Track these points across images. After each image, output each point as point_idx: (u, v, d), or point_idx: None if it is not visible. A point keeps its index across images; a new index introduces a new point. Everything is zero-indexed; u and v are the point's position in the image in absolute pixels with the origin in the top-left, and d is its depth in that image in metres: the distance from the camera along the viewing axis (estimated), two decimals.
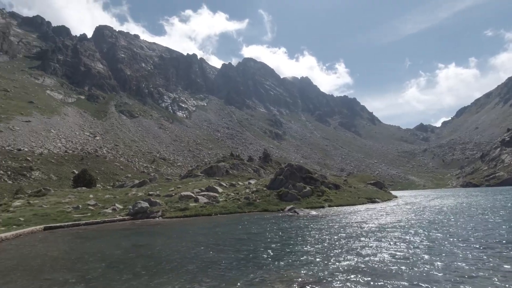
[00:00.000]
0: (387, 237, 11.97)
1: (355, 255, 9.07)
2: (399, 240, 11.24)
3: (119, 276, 7.65)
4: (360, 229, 14.29)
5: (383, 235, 12.63)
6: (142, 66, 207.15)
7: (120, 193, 34.54)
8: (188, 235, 15.07)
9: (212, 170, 50.39)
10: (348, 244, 10.85)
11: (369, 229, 14.20)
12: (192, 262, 8.87)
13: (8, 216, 21.88)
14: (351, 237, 12.20)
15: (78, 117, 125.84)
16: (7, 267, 9.38)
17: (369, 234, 12.93)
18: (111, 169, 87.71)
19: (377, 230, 13.87)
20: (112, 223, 21.51)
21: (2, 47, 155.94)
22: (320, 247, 10.46)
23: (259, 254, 9.62)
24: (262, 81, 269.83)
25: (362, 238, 11.99)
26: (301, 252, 9.74)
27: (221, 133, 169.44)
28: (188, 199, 27.93)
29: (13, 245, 13.89)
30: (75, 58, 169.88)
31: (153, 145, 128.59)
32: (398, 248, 9.88)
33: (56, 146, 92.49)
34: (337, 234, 13.11)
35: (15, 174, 62.51)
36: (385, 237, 12.00)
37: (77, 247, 12.84)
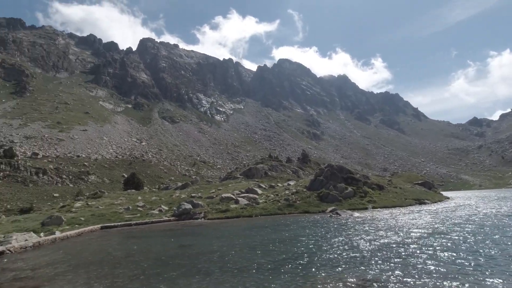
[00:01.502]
0: (438, 243, 11.16)
1: (404, 261, 8.60)
2: (454, 248, 10.41)
3: (171, 274, 8.08)
4: (409, 233, 13.48)
5: (435, 240, 11.79)
6: (181, 73, 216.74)
7: (165, 195, 36.41)
8: (231, 236, 15.42)
9: (251, 172, 50.99)
10: (397, 248, 10.31)
11: (419, 234, 13.35)
12: (238, 263, 9.07)
13: (71, 216, 24.24)
14: (399, 241, 11.57)
15: (126, 124, 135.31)
16: (73, 262, 10.42)
17: (420, 239, 12.15)
18: (156, 172, 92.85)
19: (427, 235, 12.98)
20: (159, 223, 22.77)
21: (63, 65, 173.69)
22: (367, 250, 10.08)
23: (304, 256, 9.54)
24: (298, 81, 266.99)
25: (412, 243, 11.31)
26: (348, 255, 9.47)
27: (258, 135, 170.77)
28: (229, 201, 28.57)
29: (77, 242, 15.38)
30: (123, 70, 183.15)
31: (194, 149, 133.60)
32: (452, 258, 9.16)
33: (108, 152, 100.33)
34: (384, 237, 12.52)
35: (75, 178, 68.95)
36: (436, 243, 11.20)
37: (131, 245, 13.82)
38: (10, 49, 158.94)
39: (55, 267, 9.52)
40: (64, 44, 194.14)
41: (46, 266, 9.58)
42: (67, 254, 11.99)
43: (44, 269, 9.18)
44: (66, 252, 12.41)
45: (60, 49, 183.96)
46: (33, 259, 11.03)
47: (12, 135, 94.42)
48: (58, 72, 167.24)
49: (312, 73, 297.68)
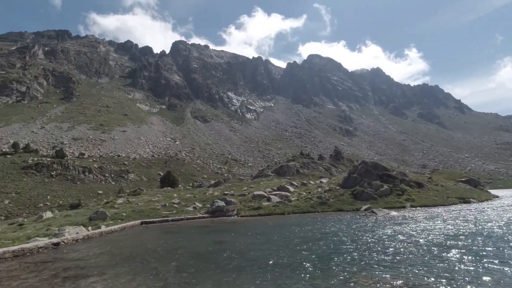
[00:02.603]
0: (489, 247, 10.40)
1: (448, 266, 8.15)
2: (509, 252, 9.65)
3: (207, 269, 8.38)
4: (454, 234, 12.70)
5: (485, 243, 11.00)
6: (212, 73, 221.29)
7: (199, 193, 37.56)
8: (264, 233, 15.58)
9: (282, 169, 50.89)
10: (441, 251, 9.78)
11: (465, 235, 12.52)
12: (272, 259, 9.17)
13: (114, 212, 25.93)
14: (443, 243, 10.96)
15: (161, 125, 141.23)
16: (118, 254, 11.19)
17: (466, 241, 11.41)
18: (190, 170, 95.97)
19: (475, 237, 12.14)
20: (194, 220, 23.59)
21: (104, 71, 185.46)
22: (407, 251, 9.68)
23: (341, 254, 9.40)
24: (329, 77, 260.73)
25: (457, 245, 10.66)
26: (387, 255, 9.16)
27: (289, 133, 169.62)
28: (261, 199, 28.79)
29: (120, 236, 16.46)
30: (157, 73, 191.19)
31: (225, 147, 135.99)
32: (507, 264, 8.50)
33: (145, 151, 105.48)
34: (426, 238, 11.92)
35: (117, 176, 73.41)
36: (487, 247, 10.44)
37: (169, 240, 14.51)
38: (59, 58, 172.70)
39: (103, 258, 10.30)
40: (105, 51, 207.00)
41: (95, 257, 10.39)
42: (112, 247, 12.89)
43: (94, 259, 9.97)
44: (111, 245, 13.35)
45: (102, 56, 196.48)
46: (84, 250, 12.01)
47: (62, 137, 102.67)
48: (100, 77, 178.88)
49: (344, 68, 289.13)
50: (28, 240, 13.59)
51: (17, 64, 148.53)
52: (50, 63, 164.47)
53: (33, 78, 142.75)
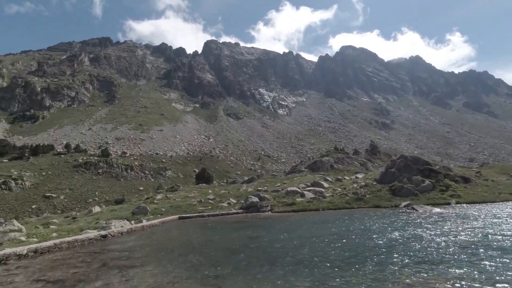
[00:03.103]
0: None
1: (504, 270, 7.53)
2: None
3: (242, 264, 8.57)
4: (510, 234, 11.68)
5: None
6: (243, 70, 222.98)
7: (233, 189, 38.28)
8: (299, 229, 15.52)
9: (316, 165, 50.09)
10: (493, 251, 9.06)
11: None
12: (308, 255, 9.14)
13: (154, 207, 27.38)
14: (495, 243, 10.15)
15: (195, 123, 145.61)
16: (159, 246, 11.85)
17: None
18: (224, 167, 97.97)
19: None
20: (228, 215, 24.13)
21: (142, 73, 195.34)
22: (453, 251, 9.10)
23: (381, 252, 9.08)
24: (363, 68, 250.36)
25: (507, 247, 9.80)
26: (431, 255, 8.68)
27: (322, 127, 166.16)
28: (295, 194, 28.64)
29: (160, 229, 17.39)
30: (190, 73, 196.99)
31: (258, 144, 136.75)
32: None
33: (181, 149, 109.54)
34: (475, 237, 11.11)
35: (155, 173, 77.20)
36: None
37: (205, 235, 15.04)
38: (102, 64, 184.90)
39: (145, 250, 10.97)
40: (142, 54, 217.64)
41: (138, 249, 11.10)
42: (153, 240, 13.68)
43: (137, 251, 10.66)
44: (152, 238, 14.16)
45: (139, 59, 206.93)
46: (128, 242, 12.87)
47: (106, 137, 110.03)
48: (138, 80, 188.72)
49: (379, 58, 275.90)
50: (80, 232, 14.86)
51: (67, 72, 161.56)
52: (94, 69, 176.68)
53: (81, 83, 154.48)
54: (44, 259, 9.64)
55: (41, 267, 8.42)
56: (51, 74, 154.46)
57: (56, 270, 8.04)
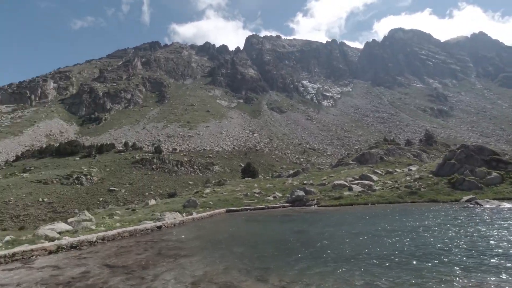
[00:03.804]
0: None
1: None
2: None
3: (289, 257, 8.62)
4: None
5: None
6: (285, 63, 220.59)
7: (278, 183, 38.40)
8: (347, 223, 15.07)
9: (364, 157, 47.89)
10: None
11: None
12: (355, 251, 8.87)
13: (203, 200, 28.71)
14: None
15: (240, 118, 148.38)
16: (208, 238, 12.46)
17: None
18: (269, 161, 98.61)
19: None
20: (274, 209, 24.31)
21: (188, 73, 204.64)
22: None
23: (436, 251, 8.40)
24: (416, 51, 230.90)
25: None
26: (497, 256, 7.83)
27: (370, 118, 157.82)
28: (342, 188, 27.78)
29: (209, 222, 18.23)
30: (233, 69, 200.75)
31: (303, 137, 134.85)
32: None
33: (226, 144, 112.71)
34: None
35: (203, 168, 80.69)
36: None
37: (253, 228, 15.40)
38: (153, 66, 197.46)
39: (196, 241, 11.61)
40: (187, 55, 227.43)
41: (190, 240, 11.79)
42: (203, 231, 14.40)
43: (188, 242, 11.33)
44: (202, 230, 14.92)
45: (185, 59, 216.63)
46: (180, 233, 13.73)
47: (159, 135, 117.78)
48: (185, 79, 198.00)
49: (434, 39, 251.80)
50: (139, 223, 16.24)
51: (124, 76, 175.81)
52: (146, 71, 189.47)
53: (135, 86, 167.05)
54: (109, 246, 10.76)
55: (108, 253, 9.42)
56: (110, 79, 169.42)
57: (120, 256, 8.93)
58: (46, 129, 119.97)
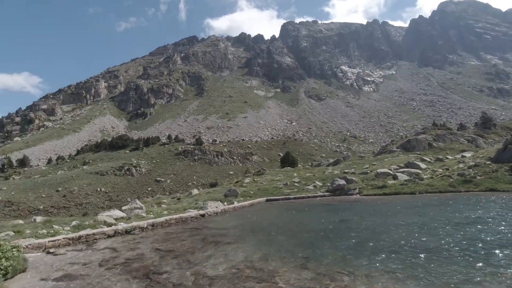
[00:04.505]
0: None
1: None
2: None
3: (331, 246, 8.56)
4: None
5: None
6: (323, 49, 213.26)
7: (318, 172, 37.83)
8: (391, 213, 14.45)
9: (410, 144, 45.05)
10: None
11: None
12: (400, 242, 8.52)
13: (243, 190, 29.40)
14: None
15: (277, 108, 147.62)
16: (250, 226, 12.80)
17: None
18: (308, 150, 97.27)
19: None
20: (314, 198, 24.07)
21: (225, 65, 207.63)
22: None
23: (495, 246, 7.75)
24: (471, 25, 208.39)
25: None
26: None
27: (417, 102, 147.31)
28: (386, 177, 26.55)
29: (250, 211, 18.67)
30: (270, 59, 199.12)
31: (342, 124, 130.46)
32: None
33: (265, 134, 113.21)
34: None
35: (243, 158, 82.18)
36: None
37: (291, 217, 15.47)
38: (192, 60, 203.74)
39: (237, 229, 12.02)
40: (224, 47, 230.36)
41: (231, 228, 12.23)
42: (243, 220, 14.82)
43: (230, 229, 11.77)
44: (243, 218, 15.35)
45: (222, 52, 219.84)
46: (221, 221, 14.29)
47: (199, 127, 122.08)
48: (222, 71, 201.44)
49: (493, 8, 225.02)
50: (184, 211, 17.19)
51: (165, 72, 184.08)
52: (185, 66, 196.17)
53: (176, 81, 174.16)
54: (158, 232, 11.59)
55: (157, 238, 10.17)
56: (153, 76, 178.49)
57: (167, 242, 9.60)
58: (100, 125, 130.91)
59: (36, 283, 5.93)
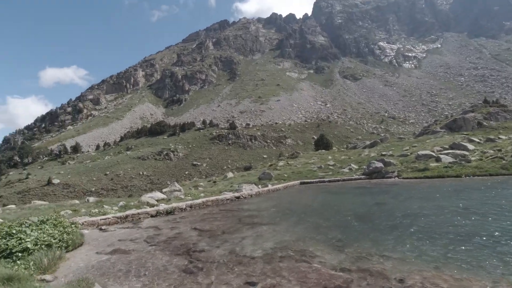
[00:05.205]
0: None
1: None
2: None
3: (367, 229, 8.43)
4: None
5: None
6: (359, 25, 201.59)
7: (354, 154, 36.76)
8: (434, 197, 13.73)
9: (456, 123, 41.80)
10: None
11: None
12: (442, 228, 8.13)
13: (277, 173, 29.60)
14: None
15: (311, 89, 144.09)
16: (283, 208, 12.98)
17: None
18: (343, 132, 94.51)
19: None
20: (350, 181, 23.56)
21: (256, 48, 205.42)
22: None
23: None
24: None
25: None
26: None
27: (465, 77, 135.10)
28: (427, 159, 25.10)
29: (284, 193, 18.85)
30: (302, 39, 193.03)
31: (380, 105, 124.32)
32: None
33: (298, 117, 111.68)
34: None
35: (276, 142, 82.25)
36: None
37: (326, 200, 15.36)
38: (223, 45, 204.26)
39: (271, 211, 12.24)
40: (255, 29, 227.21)
41: (265, 210, 12.48)
42: (277, 202, 15.02)
43: (264, 211, 12.02)
44: (277, 201, 15.56)
45: (253, 34, 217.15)
46: (256, 203, 14.62)
47: (232, 111, 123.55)
48: (253, 54, 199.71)
49: None
50: (220, 193, 17.82)
51: (198, 58, 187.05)
52: (217, 51, 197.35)
53: (208, 66, 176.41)
54: (196, 213, 12.20)
55: (195, 219, 10.73)
56: (187, 63, 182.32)
57: (205, 222, 10.09)
58: (140, 113, 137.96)
59: (93, 255, 6.63)
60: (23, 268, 5.08)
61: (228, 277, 5.18)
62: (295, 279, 5.00)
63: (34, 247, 5.88)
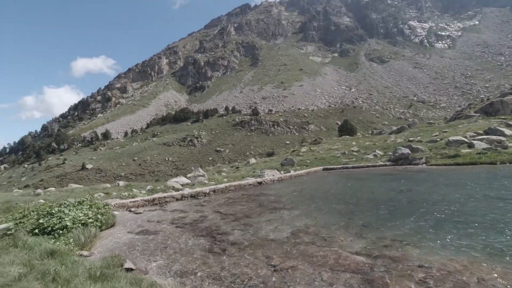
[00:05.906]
0: None
1: None
2: None
3: (392, 216, 8.30)
4: None
5: None
6: (387, 3, 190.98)
7: (379, 140, 35.71)
8: (464, 184, 13.16)
9: (493, 107, 39.15)
10: None
11: None
12: (471, 217, 7.84)
13: (299, 159, 29.51)
14: None
15: (335, 74, 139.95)
16: (305, 193, 13.02)
17: None
18: (368, 117, 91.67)
19: None
20: (374, 168, 23.02)
21: (279, 32, 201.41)
22: None
23: None
24: None
25: None
26: None
27: (506, 57, 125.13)
28: (459, 145, 23.88)
29: (306, 179, 18.84)
30: (326, 21, 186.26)
31: (409, 88, 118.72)
32: None
33: (322, 102, 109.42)
34: None
35: (299, 128, 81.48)
36: None
37: (350, 186, 15.18)
38: (245, 30, 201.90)
39: (293, 196, 12.33)
40: (277, 12, 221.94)
41: (287, 195, 12.59)
42: (300, 188, 15.07)
43: (286, 196, 12.14)
44: (299, 186, 15.60)
45: (275, 18, 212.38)
46: (278, 189, 14.76)
47: (255, 97, 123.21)
48: (276, 39, 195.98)
49: None
50: (242, 179, 18.14)
51: (220, 44, 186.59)
52: (239, 36, 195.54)
53: (230, 52, 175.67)
54: (219, 197, 12.56)
55: (218, 203, 11.06)
56: (209, 49, 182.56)
57: (228, 206, 10.38)
58: (165, 100, 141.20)
59: (124, 234, 7.10)
60: (63, 243, 5.57)
61: (250, 258, 5.38)
62: (315, 262, 5.10)
63: (72, 225, 6.41)
